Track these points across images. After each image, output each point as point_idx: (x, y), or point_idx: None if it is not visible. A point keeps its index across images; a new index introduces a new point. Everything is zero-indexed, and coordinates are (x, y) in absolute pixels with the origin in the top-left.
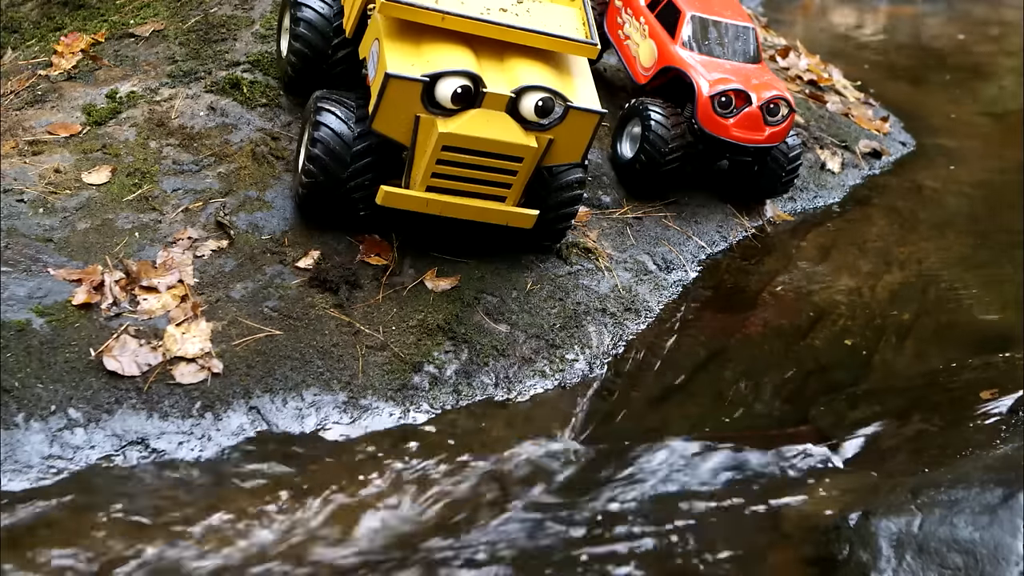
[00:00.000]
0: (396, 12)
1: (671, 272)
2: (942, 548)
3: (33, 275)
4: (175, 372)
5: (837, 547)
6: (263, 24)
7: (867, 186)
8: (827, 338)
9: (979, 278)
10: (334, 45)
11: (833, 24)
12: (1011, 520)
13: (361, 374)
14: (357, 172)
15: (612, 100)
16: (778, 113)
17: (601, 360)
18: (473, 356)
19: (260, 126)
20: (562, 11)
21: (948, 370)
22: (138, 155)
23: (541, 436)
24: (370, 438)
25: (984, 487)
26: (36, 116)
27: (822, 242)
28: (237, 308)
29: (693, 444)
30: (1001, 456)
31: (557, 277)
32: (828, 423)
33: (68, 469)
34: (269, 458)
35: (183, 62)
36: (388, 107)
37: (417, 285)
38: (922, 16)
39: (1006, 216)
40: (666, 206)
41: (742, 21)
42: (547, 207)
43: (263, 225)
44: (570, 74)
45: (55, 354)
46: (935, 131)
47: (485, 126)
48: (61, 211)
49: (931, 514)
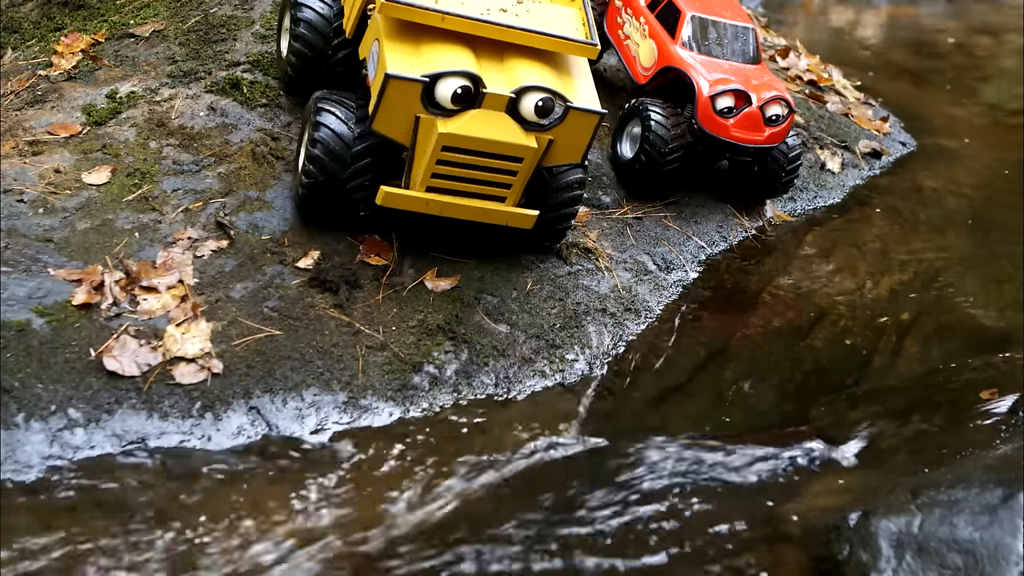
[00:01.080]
0: (396, 12)
1: (671, 272)
2: (942, 548)
3: (33, 275)
4: (175, 372)
5: (837, 547)
6: (263, 24)
7: (867, 186)
8: (827, 338)
9: (979, 278)
10: (334, 45)
11: (833, 24)
12: (1011, 520)
13: (361, 374)
14: (357, 172)
15: (612, 100)
16: (777, 119)
17: (601, 360)
18: (473, 356)
19: (260, 126)
20: (562, 11)
21: (948, 370)
22: (138, 155)
23: (541, 436)
24: (370, 437)
25: (984, 487)
26: (36, 116)
27: (822, 242)
28: (237, 308)
29: (693, 444)
30: (1001, 456)
31: (557, 277)
32: (828, 423)
33: (68, 468)
34: (270, 457)
35: (183, 62)
36: (388, 107)
37: (417, 285)
38: (922, 16)
39: (1006, 216)
40: (666, 206)
41: (742, 21)
42: (547, 207)
43: (263, 225)
44: (570, 74)
45: (55, 354)
46: (935, 131)
47: (485, 126)
48: (61, 211)
49: (931, 514)
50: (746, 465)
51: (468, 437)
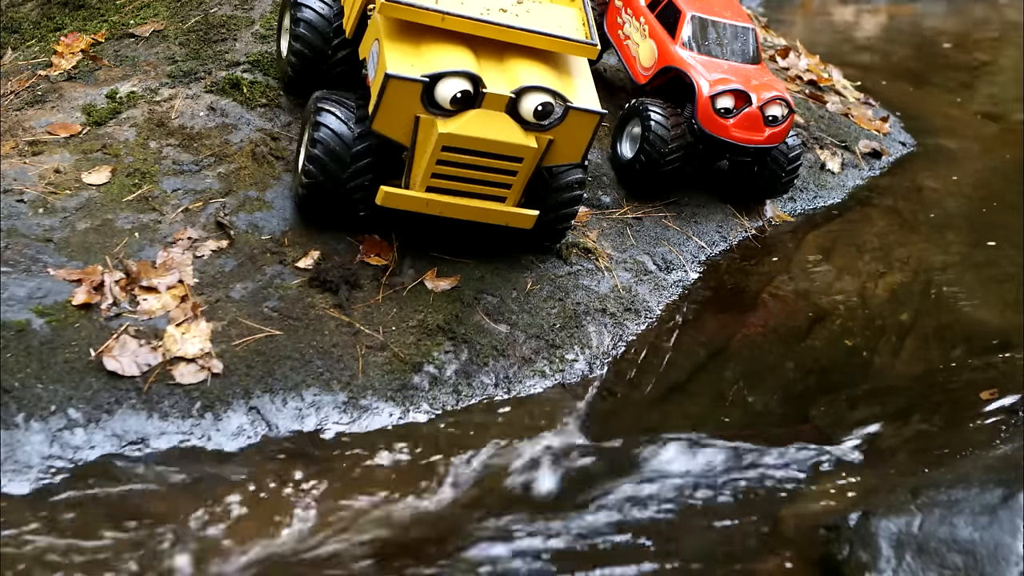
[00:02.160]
0: (396, 12)
1: (671, 272)
2: (942, 548)
3: (33, 275)
4: (175, 372)
5: (837, 547)
6: (263, 24)
7: (867, 186)
8: (827, 338)
9: (979, 278)
10: (334, 45)
11: (833, 24)
12: (1011, 520)
13: (361, 374)
14: (357, 173)
15: (612, 100)
16: (777, 119)
17: (601, 360)
18: (473, 356)
19: (260, 126)
20: (562, 11)
21: (948, 370)
22: (138, 155)
23: (541, 436)
24: (370, 438)
25: (984, 487)
26: (36, 116)
27: (822, 243)
28: (237, 308)
29: (693, 444)
30: (1001, 456)
31: (557, 277)
32: (828, 423)
33: (67, 469)
34: (270, 457)
35: (183, 62)
36: (388, 107)
37: (417, 285)
38: (922, 16)
39: (1006, 216)
40: (666, 206)
41: (742, 21)
42: (547, 207)
43: (263, 225)
44: (570, 74)
45: (55, 354)
46: (935, 131)
47: (485, 126)
48: (61, 211)
49: (931, 514)
50: (746, 465)
51: (468, 437)
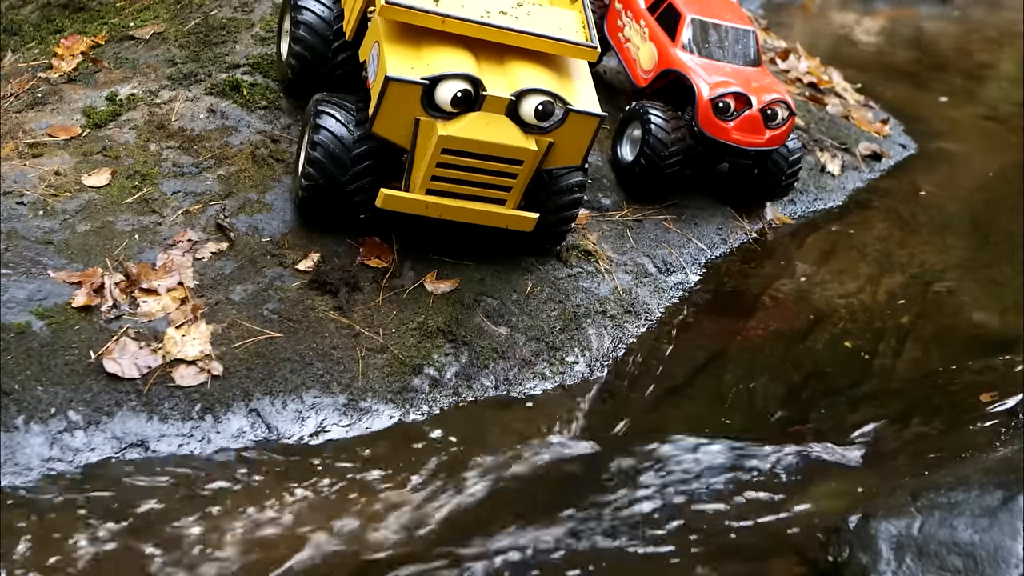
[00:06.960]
0: (396, 15)
1: (671, 275)
2: (942, 550)
3: (33, 277)
4: (175, 374)
5: (837, 549)
6: (263, 27)
7: (867, 189)
8: (827, 341)
9: (979, 281)
10: (334, 48)
11: (833, 27)
12: (1011, 522)
13: (361, 376)
14: (357, 175)
15: (612, 103)
16: (777, 118)
17: (601, 362)
18: (473, 358)
19: (260, 128)
20: (562, 14)
21: (948, 373)
22: (138, 157)
23: (541, 438)
24: (370, 440)
25: (984, 489)
26: (36, 118)
27: (822, 245)
28: (237, 310)
29: (693, 446)
30: (1001, 458)
31: (557, 280)
32: (828, 426)
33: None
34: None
35: (183, 64)
36: (388, 110)
37: (417, 287)
38: (922, 18)
39: (1006, 219)
40: (666, 209)
41: (742, 24)
42: (547, 210)
43: (263, 227)
44: (570, 77)
45: (55, 356)
46: (935, 134)
47: (485, 129)
48: (61, 213)
49: (931, 516)
50: (746, 467)
51: (468, 439)
